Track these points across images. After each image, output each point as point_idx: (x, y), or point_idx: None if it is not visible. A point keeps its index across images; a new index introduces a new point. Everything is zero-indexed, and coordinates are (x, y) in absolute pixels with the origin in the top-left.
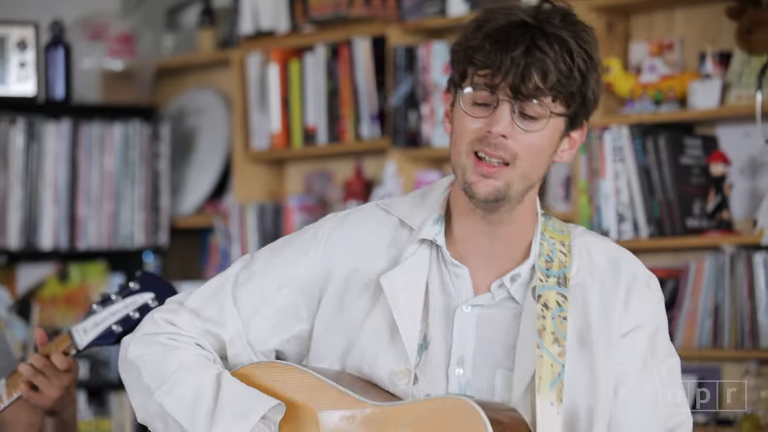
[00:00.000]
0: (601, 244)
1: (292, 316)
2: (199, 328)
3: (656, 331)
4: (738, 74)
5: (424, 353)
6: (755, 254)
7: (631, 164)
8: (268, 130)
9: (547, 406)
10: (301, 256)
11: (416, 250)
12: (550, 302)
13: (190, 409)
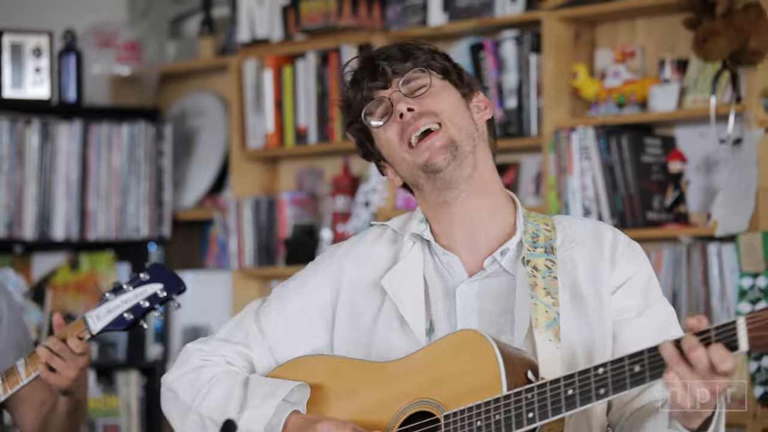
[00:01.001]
0: (580, 219)
1: (309, 332)
2: (229, 350)
3: (647, 283)
4: (694, 80)
5: (432, 335)
6: (709, 245)
7: (596, 162)
8: (263, 130)
9: (546, 342)
10: (310, 278)
11: (410, 249)
12: (539, 266)
13: (222, 406)
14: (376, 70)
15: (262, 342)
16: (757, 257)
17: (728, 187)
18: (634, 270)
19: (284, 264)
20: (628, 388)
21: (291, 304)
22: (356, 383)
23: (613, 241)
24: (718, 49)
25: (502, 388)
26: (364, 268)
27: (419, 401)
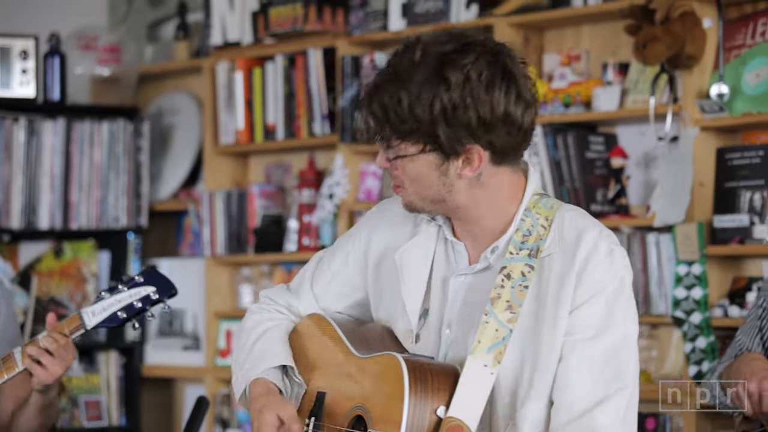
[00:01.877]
0: (576, 218)
1: (349, 286)
2: (285, 299)
3: (615, 297)
4: (635, 82)
5: (425, 318)
6: (648, 235)
7: (544, 157)
8: (234, 127)
9: (480, 367)
10: (352, 238)
11: (426, 228)
12: (514, 273)
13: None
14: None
15: (308, 293)
16: (693, 246)
17: (666, 182)
18: (605, 282)
19: (254, 252)
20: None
21: (336, 260)
22: (334, 363)
23: (590, 252)
24: (657, 53)
25: (401, 430)
26: (390, 237)
27: (361, 407)
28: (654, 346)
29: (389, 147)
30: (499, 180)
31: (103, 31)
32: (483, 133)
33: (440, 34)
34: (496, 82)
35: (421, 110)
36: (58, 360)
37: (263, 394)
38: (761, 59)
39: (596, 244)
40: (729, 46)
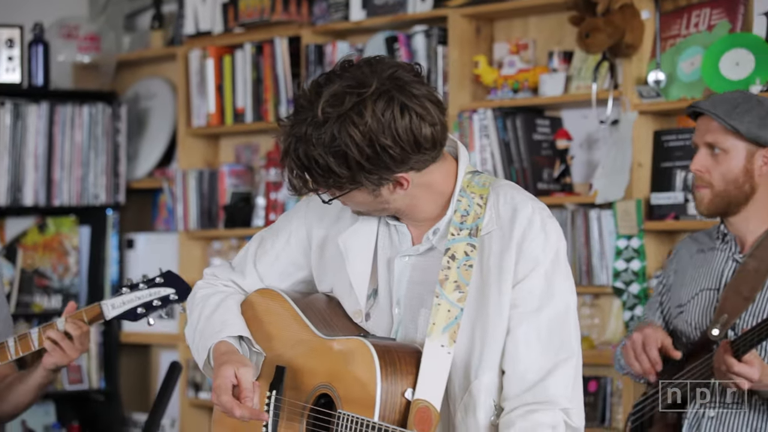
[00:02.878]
0: (509, 194)
1: (293, 265)
2: (228, 275)
3: (553, 267)
4: (578, 69)
5: (374, 297)
6: (591, 211)
7: (494, 139)
8: (206, 111)
9: (437, 349)
10: (294, 222)
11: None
12: (458, 253)
13: (191, 327)
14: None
15: (252, 272)
16: (632, 222)
17: (607, 162)
18: (542, 255)
19: (224, 227)
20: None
21: (279, 241)
22: (297, 341)
23: (526, 226)
24: (599, 43)
25: (375, 414)
26: (329, 223)
27: (328, 385)
28: (596, 315)
29: (320, 192)
30: (430, 177)
31: (84, 21)
32: (401, 164)
33: (337, 87)
34: (397, 120)
35: (338, 167)
36: (77, 344)
37: (225, 353)
38: (695, 48)
39: (531, 221)
40: (665, 36)
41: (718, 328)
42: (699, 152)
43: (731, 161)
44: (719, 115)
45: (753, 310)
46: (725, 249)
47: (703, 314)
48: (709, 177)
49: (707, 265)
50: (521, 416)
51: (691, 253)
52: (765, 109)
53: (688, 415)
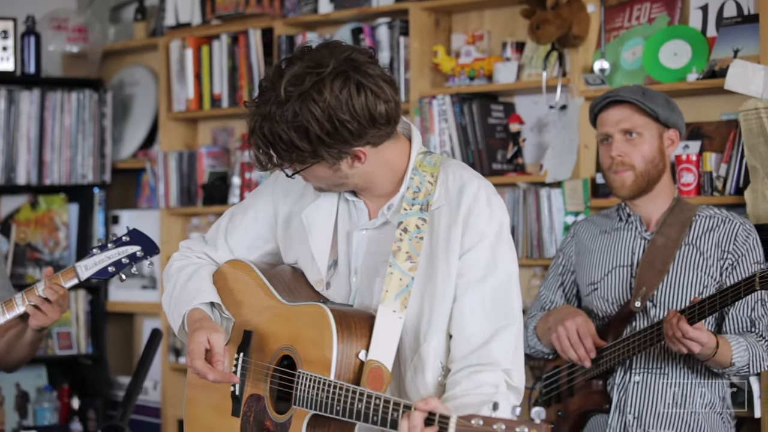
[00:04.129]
0: (458, 172)
1: (261, 239)
2: (201, 248)
3: (496, 240)
4: (530, 58)
5: (334, 268)
6: (541, 189)
7: (452, 123)
8: (185, 97)
9: (389, 314)
10: (262, 200)
11: (327, 193)
12: (409, 227)
13: (167, 297)
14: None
15: (224, 245)
16: (579, 199)
17: (556, 144)
18: (487, 228)
19: (202, 204)
20: (387, 428)
21: (248, 217)
22: (263, 307)
23: (472, 202)
24: (548, 34)
25: (331, 373)
26: (293, 200)
27: (290, 347)
28: None
29: (284, 167)
30: (384, 155)
31: (72, 14)
32: (358, 139)
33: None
34: (353, 97)
35: (300, 142)
36: (56, 307)
37: (199, 320)
38: (637, 39)
39: (477, 197)
40: (609, 28)
41: (639, 300)
42: (615, 139)
43: (646, 143)
44: (641, 101)
45: (668, 281)
46: (630, 228)
47: (619, 289)
48: (630, 160)
49: (614, 244)
50: (466, 376)
51: (593, 235)
52: (662, 97)
53: (616, 381)
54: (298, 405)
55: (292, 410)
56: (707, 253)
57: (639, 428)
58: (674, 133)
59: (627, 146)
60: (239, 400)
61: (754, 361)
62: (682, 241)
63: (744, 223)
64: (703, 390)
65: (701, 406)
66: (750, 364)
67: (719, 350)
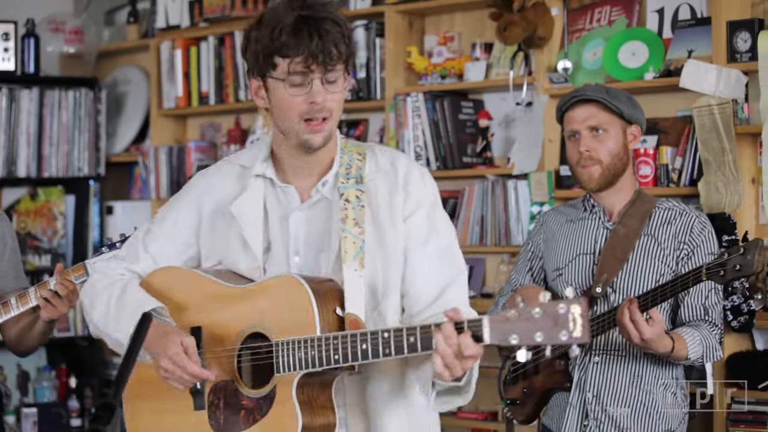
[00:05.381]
0: (384, 149)
1: (183, 245)
2: (122, 266)
3: (432, 206)
4: (498, 58)
5: (269, 253)
6: (508, 181)
7: (425, 119)
8: (175, 94)
9: (352, 272)
10: (182, 204)
11: (254, 182)
12: (350, 197)
13: (104, 317)
14: (316, 49)
15: (146, 257)
16: (544, 190)
17: (522, 138)
18: (424, 197)
19: None
20: (405, 354)
21: (166, 224)
22: (212, 300)
23: (407, 172)
24: (515, 35)
25: (317, 329)
26: (219, 197)
27: (257, 325)
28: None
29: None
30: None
31: (70, 17)
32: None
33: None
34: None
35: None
36: (65, 301)
37: (159, 326)
38: (597, 41)
39: (410, 168)
40: (572, 30)
41: (600, 286)
42: (582, 136)
43: (612, 139)
44: (607, 99)
45: (627, 269)
46: (594, 218)
47: (582, 275)
48: (597, 154)
49: (579, 233)
50: (428, 318)
51: (560, 224)
52: (625, 95)
53: (577, 361)
54: (283, 371)
55: (274, 379)
56: (664, 243)
57: (597, 405)
58: (636, 129)
59: (594, 142)
60: (201, 393)
61: (708, 352)
62: (642, 231)
63: (700, 216)
64: (657, 371)
65: (655, 386)
66: (704, 355)
67: (675, 348)
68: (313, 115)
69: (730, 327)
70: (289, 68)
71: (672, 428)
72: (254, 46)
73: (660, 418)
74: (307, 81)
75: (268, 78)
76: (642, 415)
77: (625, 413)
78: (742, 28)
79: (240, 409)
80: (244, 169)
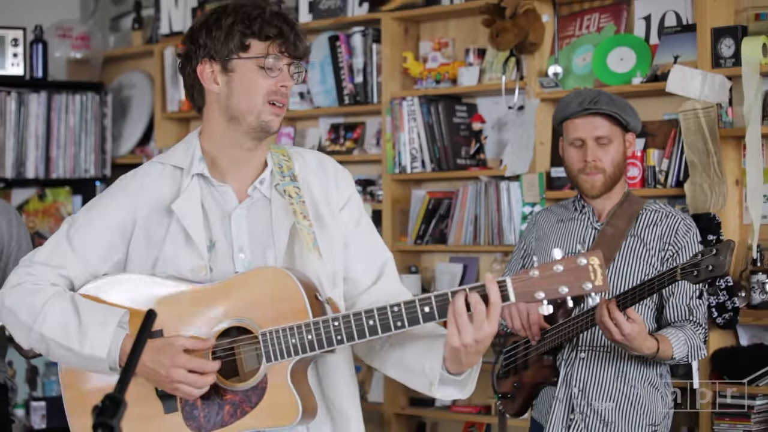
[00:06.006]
0: (306, 150)
1: (113, 248)
2: (52, 273)
3: (359, 202)
4: (490, 63)
5: (213, 250)
6: (501, 182)
7: (420, 122)
8: (178, 98)
9: (315, 260)
10: (111, 205)
11: (190, 182)
12: (291, 193)
13: (62, 330)
14: (291, 40)
15: (76, 261)
16: (535, 191)
17: (514, 141)
18: (351, 190)
19: None
20: (421, 323)
21: (95, 226)
22: (170, 302)
23: (335, 169)
24: (507, 41)
25: (309, 315)
26: (153, 198)
27: (235, 319)
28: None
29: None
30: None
31: (77, 24)
32: None
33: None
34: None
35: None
36: None
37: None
38: (587, 47)
39: (335, 165)
40: (562, 36)
41: None
42: (588, 145)
43: (615, 148)
44: (620, 114)
45: (613, 268)
46: (583, 219)
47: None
48: (602, 164)
49: (569, 233)
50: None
51: (551, 223)
52: (628, 105)
53: (564, 357)
54: (275, 360)
55: (264, 368)
56: (650, 244)
57: (583, 400)
58: (632, 136)
59: (600, 151)
60: (170, 396)
61: (692, 352)
62: (629, 232)
63: (685, 219)
64: (642, 367)
65: (640, 381)
66: (689, 355)
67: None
68: (279, 98)
69: (715, 324)
70: (267, 50)
71: (656, 422)
72: (225, 29)
73: (644, 413)
74: (279, 66)
75: (234, 60)
76: (627, 410)
77: (610, 407)
78: (726, 35)
79: (224, 405)
80: (176, 169)
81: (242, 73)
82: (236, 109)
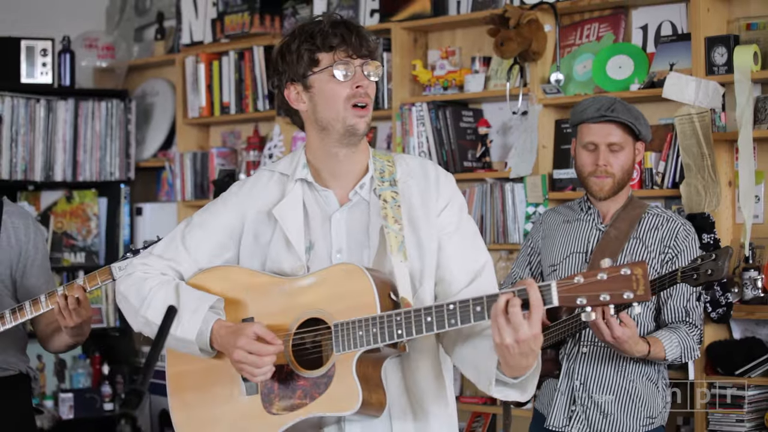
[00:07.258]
0: (410, 157)
1: (223, 247)
2: (163, 264)
3: (461, 205)
4: (495, 71)
5: (312, 251)
6: (506, 184)
7: (429, 127)
8: (199, 105)
9: (398, 263)
10: (222, 209)
11: (294, 187)
12: (387, 198)
13: (162, 314)
14: (355, 43)
15: (187, 258)
16: (538, 192)
17: (518, 144)
18: (453, 196)
19: (213, 197)
20: (472, 322)
21: (206, 227)
22: (263, 292)
23: (436, 175)
24: (511, 50)
25: (377, 309)
26: (261, 203)
27: (314, 311)
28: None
29: (371, 66)
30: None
31: (102, 35)
32: None
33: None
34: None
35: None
36: (74, 314)
37: (227, 325)
38: (587, 55)
39: (438, 171)
40: (563, 45)
41: None
42: (601, 150)
43: (625, 155)
44: (635, 125)
45: None
46: (588, 220)
47: (575, 272)
48: (613, 169)
49: (574, 233)
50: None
51: (557, 223)
52: (641, 115)
53: (566, 351)
54: (343, 350)
55: (333, 358)
56: (651, 247)
57: (584, 393)
58: (641, 145)
59: (611, 157)
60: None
61: (686, 353)
62: (631, 234)
63: (685, 224)
64: (641, 364)
65: (638, 376)
66: (682, 356)
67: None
68: (359, 99)
69: (709, 318)
70: (334, 58)
71: (654, 415)
72: (295, 52)
73: (642, 406)
74: (350, 70)
75: (310, 77)
76: (626, 403)
77: (609, 400)
78: (719, 44)
79: (296, 390)
80: (283, 176)
81: (320, 86)
82: (323, 119)
